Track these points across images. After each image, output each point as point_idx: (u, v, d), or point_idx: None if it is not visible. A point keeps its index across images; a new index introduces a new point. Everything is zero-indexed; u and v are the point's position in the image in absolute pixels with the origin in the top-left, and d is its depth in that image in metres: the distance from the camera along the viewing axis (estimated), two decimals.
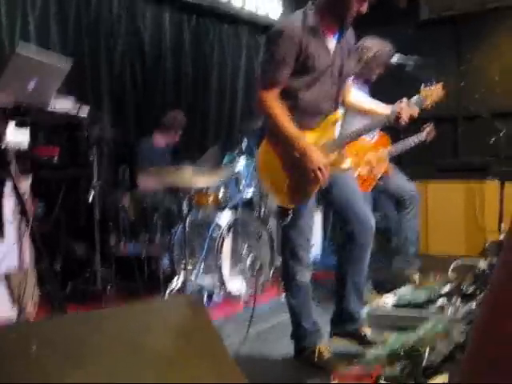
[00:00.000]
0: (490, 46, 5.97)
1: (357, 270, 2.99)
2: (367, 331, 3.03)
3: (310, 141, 2.76)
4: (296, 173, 2.73)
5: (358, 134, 2.99)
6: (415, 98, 2.97)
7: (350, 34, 2.90)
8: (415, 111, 2.92)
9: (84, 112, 2.72)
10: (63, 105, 2.72)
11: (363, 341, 2.99)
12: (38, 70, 2.48)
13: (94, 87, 4.63)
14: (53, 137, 3.61)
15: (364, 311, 3.15)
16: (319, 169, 2.65)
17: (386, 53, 3.89)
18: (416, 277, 4.34)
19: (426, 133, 4.45)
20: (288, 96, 2.74)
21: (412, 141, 4.36)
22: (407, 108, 2.89)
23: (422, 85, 3.04)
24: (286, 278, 2.97)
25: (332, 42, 2.77)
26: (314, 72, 2.72)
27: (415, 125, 4.68)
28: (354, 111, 3.30)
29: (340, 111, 2.91)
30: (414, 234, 4.34)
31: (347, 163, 2.91)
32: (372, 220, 2.97)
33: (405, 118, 2.88)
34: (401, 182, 4.24)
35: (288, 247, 2.88)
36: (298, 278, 2.88)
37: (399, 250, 4.33)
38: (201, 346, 1.72)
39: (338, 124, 2.89)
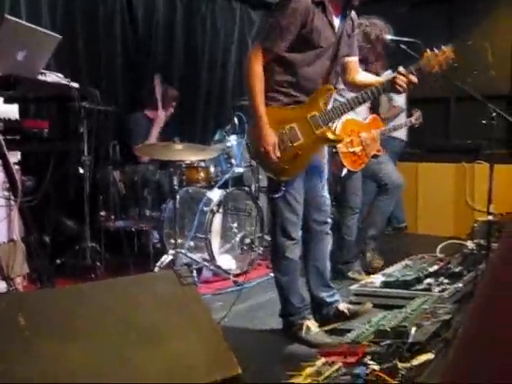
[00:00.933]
0: (484, 27, 5.95)
1: (317, 257, 3.04)
2: (345, 309, 3.04)
3: (299, 114, 2.78)
4: (283, 146, 2.75)
5: (348, 107, 2.89)
6: (412, 66, 2.82)
7: (353, 15, 2.89)
8: (414, 78, 2.79)
9: (75, 85, 2.69)
10: (53, 78, 2.69)
11: (346, 318, 3.02)
12: (28, 39, 2.44)
13: (85, 64, 4.56)
14: (43, 109, 3.59)
15: (338, 293, 3.15)
16: (267, 151, 2.68)
17: (381, 30, 3.88)
18: (368, 256, 4.32)
19: (414, 118, 4.51)
20: (288, 70, 2.74)
21: (401, 124, 4.42)
22: (404, 74, 2.77)
23: (427, 49, 2.95)
24: (275, 254, 2.98)
25: (337, 21, 2.76)
26: (317, 48, 2.72)
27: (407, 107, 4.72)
28: (357, 91, 3.27)
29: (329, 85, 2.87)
30: (382, 219, 4.35)
31: (333, 135, 2.90)
32: (327, 208, 3.04)
33: (401, 83, 2.77)
34: (389, 169, 4.24)
35: (278, 223, 2.88)
36: (288, 255, 2.89)
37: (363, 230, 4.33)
38: (189, 319, 1.74)
39: (330, 97, 2.87)
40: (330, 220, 3.08)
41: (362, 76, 3.08)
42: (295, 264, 2.94)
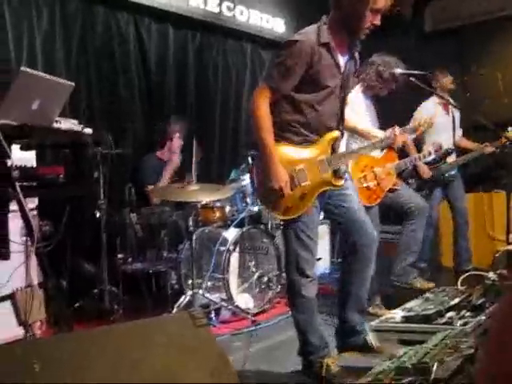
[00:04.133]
0: (494, 57, 5.97)
1: (359, 282, 2.99)
2: (372, 341, 3.02)
3: (308, 155, 2.82)
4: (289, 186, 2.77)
5: (353, 156, 3.14)
6: (408, 126, 3.27)
7: (356, 55, 2.93)
8: (407, 138, 3.08)
9: (88, 131, 2.75)
10: (67, 125, 2.75)
11: (369, 351, 2.98)
12: (43, 89, 2.50)
13: (97, 107, 4.67)
14: (58, 156, 3.66)
15: (367, 323, 3.13)
16: (278, 186, 2.69)
17: (393, 67, 3.91)
18: (418, 283, 4.34)
19: (435, 149, 4.45)
20: (298, 110, 2.78)
21: (418, 157, 4.40)
22: (401, 135, 3.03)
23: (413, 115, 3.28)
24: (292, 293, 2.94)
25: (343, 60, 2.80)
26: (325, 89, 2.77)
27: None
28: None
29: (336, 132, 2.94)
30: (417, 244, 4.31)
31: (341, 181, 2.92)
32: (374, 232, 2.98)
33: (399, 143, 3.11)
34: (408, 194, 4.25)
35: (293, 261, 2.87)
36: (303, 293, 2.86)
37: (397, 261, 4.32)
38: (202, 361, 1.72)
39: (338, 142, 2.93)
40: (375, 244, 3.00)
41: (347, 119, 3.16)
42: (312, 302, 2.91)
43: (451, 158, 5.01)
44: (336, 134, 2.88)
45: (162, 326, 1.84)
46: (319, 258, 4.29)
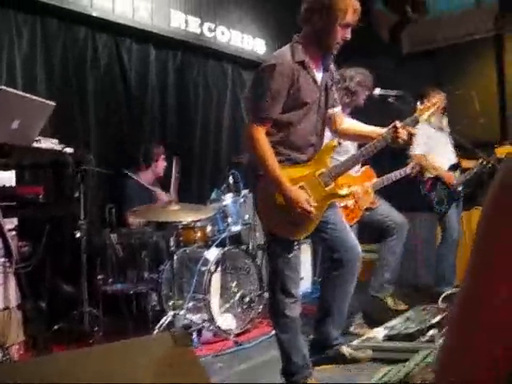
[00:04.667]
0: (470, 77, 6.10)
1: (341, 298, 3.00)
2: (345, 351, 3.04)
3: (305, 173, 2.83)
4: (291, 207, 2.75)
5: (354, 161, 3.07)
6: (409, 119, 2.99)
7: (331, 67, 2.97)
8: (413, 129, 2.92)
9: (69, 150, 2.73)
10: (48, 144, 2.74)
11: (344, 362, 2.99)
12: (23, 108, 2.49)
13: (79, 127, 4.64)
14: (38, 175, 3.62)
15: (342, 337, 3.16)
16: (304, 209, 2.69)
17: (368, 79, 3.96)
18: (390, 301, 4.34)
19: (411, 167, 4.53)
20: (279, 129, 2.78)
21: (396, 174, 4.41)
22: (403, 128, 2.88)
23: (418, 103, 3.11)
24: (275, 313, 2.93)
25: (318, 75, 2.84)
26: (305, 106, 2.78)
27: (400, 159, 4.79)
28: (349, 139, 3.35)
29: (335, 140, 2.97)
30: (394, 260, 4.25)
31: (345, 190, 2.95)
32: (359, 247, 3.00)
33: (402, 135, 2.87)
34: (386, 211, 4.22)
35: (277, 281, 2.86)
36: (288, 313, 2.85)
37: (375, 275, 4.30)
38: (185, 382, 1.70)
39: (332, 153, 2.95)
40: (359, 260, 3.00)
41: (350, 124, 3.16)
42: (295, 322, 2.89)
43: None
44: (333, 143, 2.90)
45: (143, 346, 1.82)
46: (301, 278, 4.28)
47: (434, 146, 4.87)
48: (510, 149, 5.07)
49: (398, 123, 2.90)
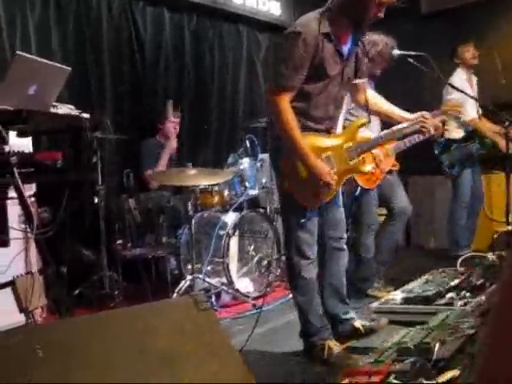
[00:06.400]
0: (491, 38, 5.93)
1: (336, 272, 3.03)
2: (359, 325, 3.04)
3: (333, 143, 2.84)
4: (313, 179, 2.75)
5: (379, 142, 3.15)
6: (437, 111, 3.19)
7: (364, 40, 2.91)
8: (439, 124, 3.10)
9: (86, 116, 2.72)
10: (65, 110, 2.72)
11: (360, 337, 3.01)
12: (39, 73, 2.47)
13: (94, 93, 4.62)
14: (55, 141, 3.63)
15: (352, 311, 3.15)
16: (326, 182, 2.69)
17: (390, 47, 3.88)
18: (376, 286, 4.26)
19: (434, 128, 4.40)
20: (300, 99, 2.74)
21: (418, 136, 4.31)
22: (431, 119, 3.01)
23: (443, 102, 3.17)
24: (291, 274, 2.96)
25: (345, 48, 2.78)
26: (327, 78, 2.74)
27: None
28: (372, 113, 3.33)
29: (366, 117, 2.95)
30: (390, 243, 4.18)
31: (368, 167, 2.96)
32: (344, 225, 3.06)
33: (430, 128, 3.00)
34: (396, 193, 4.14)
35: (292, 242, 2.88)
36: (303, 274, 2.87)
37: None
38: (207, 345, 1.72)
39: (363, 128, 2.95)
40: (345, 235, 3.07)
41: (372, 96, 3.15)
42: (312, 283, 2.91)
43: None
44: (364, 120, 2.89)
45: (164, 310, 1.84)
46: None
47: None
48: None
49: (425, 113, 2.97)
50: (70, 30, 4.49)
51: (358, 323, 3.04)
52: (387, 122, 4.23)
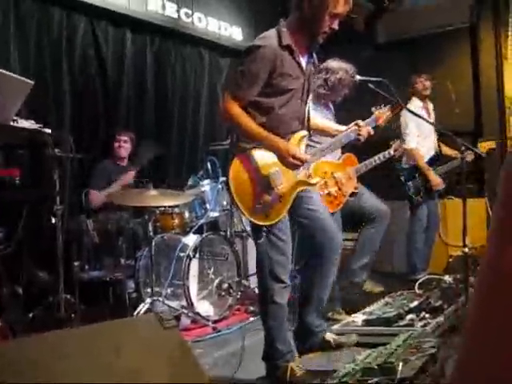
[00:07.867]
0: (446, 67, 6.15)
1: (323, 284, 3.01)
2: (330, 338, 3.07)
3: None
4: (266, 190, 2.73)
5: (323, 152, 3.10)
6: (369, 119, 3.27)
7: (315, 57, 2.96)
8: (371, 130, 3.17)
9: (47, 131, 2.66)
10: (25, 125, 2.66)
11: (329, 349, 3.01)
12: (0, 85, 2.42)
13: (55, 110, 4.54)
14: (13, 157, 3.52)
15: (325, 323, 3.19)
16: (294, 156, 2.69)
17: (351, 74, 3.96)
18: (367, 284, 4.36)
19: (394, 149, 4.50)
20: (261, 113, 2.75)
21: (378, 158, 4.39)
22: (365, 127, 3.13)
23: (373, 108, 3.30)
24: (264, 300, 2.85)
25: (303, 61, 2.81)
26: (289, 92, 2.76)
27: (381, 144, 4.81)
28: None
29: (304, 131, 2.96)
30: (372, 247, 4.25)
31: (315, 179, 2.96)
32: (339, 235, 3.00)
33: (364, 134, 3.11)
34: (370, 200, 4.23)
35: (265, 265, 2.79)
36: (276, 299, 2.79)
37: (352, 259, 4.30)
38: (173, 363, 1.68)
39: (304, 142, 2.93)
40: (340, 250, 3.02)
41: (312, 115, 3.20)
42: (283, 309, 2.84)
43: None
44: (303, 133, 2.89)
45: (129, 327, 1.79)
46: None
47: (421, 135, 4.93)
48: (492, 144, 5.14)
49: (360, 122, 3.12)
50: (31, 47, 4.41)
51: (329, 336, 3.06)
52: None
